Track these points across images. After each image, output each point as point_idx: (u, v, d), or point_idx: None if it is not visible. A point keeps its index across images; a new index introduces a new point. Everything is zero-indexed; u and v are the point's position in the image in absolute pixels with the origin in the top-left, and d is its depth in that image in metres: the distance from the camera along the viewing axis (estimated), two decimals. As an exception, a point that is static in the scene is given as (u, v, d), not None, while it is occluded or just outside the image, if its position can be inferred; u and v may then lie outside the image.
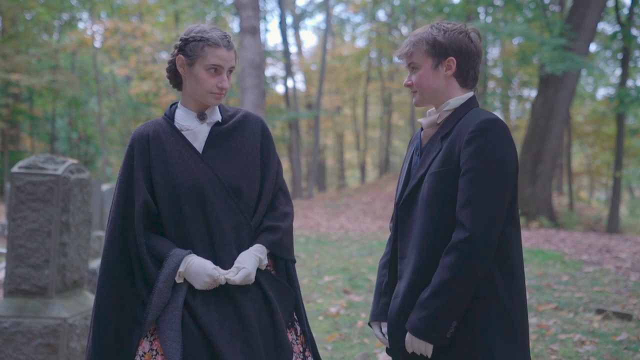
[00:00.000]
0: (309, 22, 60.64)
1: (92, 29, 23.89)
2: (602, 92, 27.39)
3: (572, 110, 21.28)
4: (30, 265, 4.02)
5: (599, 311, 5.35)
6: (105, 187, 9.80)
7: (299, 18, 30.58)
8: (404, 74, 27.85)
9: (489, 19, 19.17)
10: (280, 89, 29.31)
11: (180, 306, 2.13)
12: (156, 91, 23.33)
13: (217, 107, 2.36)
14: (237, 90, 24.58)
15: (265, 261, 2.25)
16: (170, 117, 2.34)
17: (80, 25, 27.10)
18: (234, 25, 28.23)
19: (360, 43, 30.59)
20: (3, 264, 7.29)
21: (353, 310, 5.83)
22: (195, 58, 2.22)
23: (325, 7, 25.70)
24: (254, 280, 2.19)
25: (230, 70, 2.26)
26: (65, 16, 25.24)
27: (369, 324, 2.39)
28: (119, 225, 2.23)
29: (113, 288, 2.21)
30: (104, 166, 23.59)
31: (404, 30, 28.46)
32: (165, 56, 26.71)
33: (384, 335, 2.31)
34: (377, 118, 33.01)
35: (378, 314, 2.32)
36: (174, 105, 2.38)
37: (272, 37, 63.67)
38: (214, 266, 2.16)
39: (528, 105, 24.64)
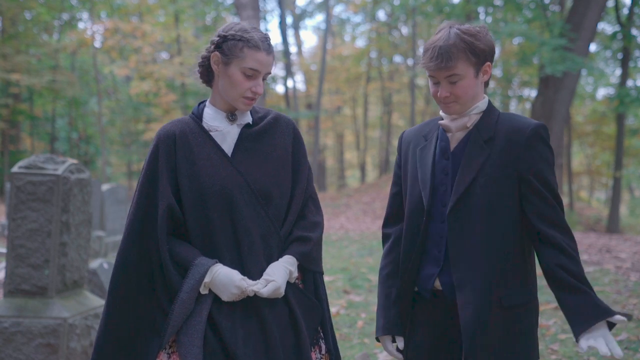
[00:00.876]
0: (308, 22, 60.62)
1: (92, 29, 23.89)
2: (602, 92, 27.39)
3: (572, 110, 21.29)
4: (30, 265, 4.02)
5: (599, 311, 5.35)
6: (105, 187, 9.81)
7: (298, 18, 30.59)
8: (404, 74, 27.84)
9: (489, 19, 19.17)
10: (280, 89, 29.31)
11: (203, 320, 2.00)
12: (156, 91, 23.33)
13: None
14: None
15: (295, 273, 2.14)
16: (198, 116, 2.19)
17: (80, 25, 27.12)
18: (234, 25, 28.19)
19: (360, 43, 30.59)
20: (3, 264, 7.29)
21: (353, 310, 5.83)
22: (232, 58, 2.08)
23: (325, 7, 25.69)
24: (283, 293, 2.07)
25: (266, 76, 2.12)
26: (65, 16, 25.25)
27: (377, 339, 2.30)
28: (138, 228, 2.08)
29: (128, 294, 2.07)
30: (104, 166, 23.59)
31: (404, 30, 28.47)
32: (165, 56, 26.73)
33: (398, 350, 2.24)
34: (377, 118, 33.02)
35: (390, 327, 2.23)
36: (202, 104, 2.23)
37: (272, 37, 63.39)
38: (242, 277, 2.03)
39: (528, 105, 24.64)
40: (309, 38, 67.78)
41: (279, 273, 2.07)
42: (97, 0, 23.62)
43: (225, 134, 2.16)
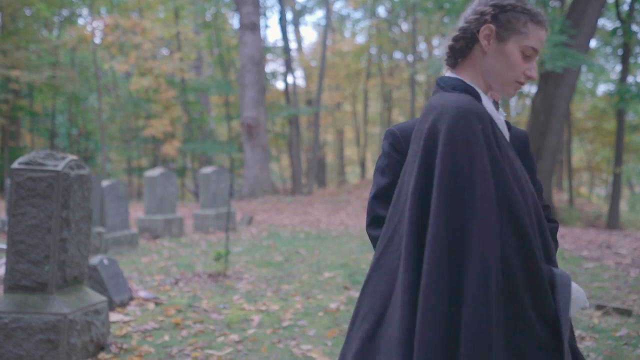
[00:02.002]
0: (308, 18, 60.59)
1: (92, 25, 23.90)
2: (602, 88, 27.45)
3: (572, 106, 21.28)
4: (31, 261, 4.02)
5: (599, 307, 5.35)
6: (105, 183, 9.79)
7: (298, 14, 30.57)
8: (404, 70, 27.82)
9: (489, 15, 19.16)
10: (280, 85, 29.39)
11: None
12: (156, 87, 23.35)
13: None
14: (237, 87, 24.57)
15: None
16: (475, 96, 1.68)
17: (80, 21, 27.12)
18: (234, 22, 28.22)
19: (360, 39, 30.61)
20: (3, 260, 7.29)
21: (353, 306, 5.83)
22: (511, 33, 1.67)
23: (325, 3, 25.66)
24: None
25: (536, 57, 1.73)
26: (65, 12, 25.24)
27: None
28: (502, 233, 1.49)
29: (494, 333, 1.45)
30: (104, 162, 23.59)
31: (404, 26, 28.44)
32: (165, 52, 26.70)
33: None
34: (377, 114, 33.06)
35: None
36: (456, 80, 1.71)
37: (272, 33, 63.48)
38: None
39: (528, 102, 24.65)
40: (309, 34, 67.72)
41: None
42: (97, -4, 23.62)
43: (503, 127, 1.73)
